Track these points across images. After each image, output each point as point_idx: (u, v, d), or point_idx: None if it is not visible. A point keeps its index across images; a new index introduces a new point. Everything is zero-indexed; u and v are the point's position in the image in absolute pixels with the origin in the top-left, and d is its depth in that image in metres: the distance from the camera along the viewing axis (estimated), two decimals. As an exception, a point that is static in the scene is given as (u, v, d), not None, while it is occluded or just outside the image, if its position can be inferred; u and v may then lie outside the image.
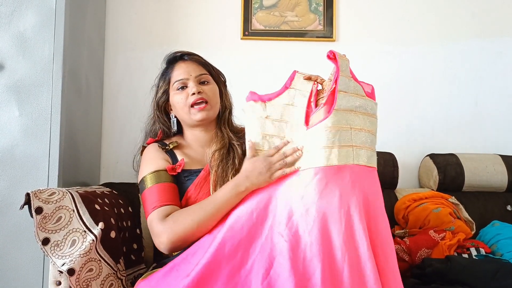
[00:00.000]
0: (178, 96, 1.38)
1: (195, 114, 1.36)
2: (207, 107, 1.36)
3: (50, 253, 1.18)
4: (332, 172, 1.04)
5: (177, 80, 1.38)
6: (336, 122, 1.07)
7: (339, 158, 1.05)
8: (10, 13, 1.56)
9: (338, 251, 0.97)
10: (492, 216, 1.89)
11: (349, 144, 1.08)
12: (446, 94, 2.22)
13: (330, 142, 1.06)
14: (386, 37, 2.21)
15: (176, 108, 1.40)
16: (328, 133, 1.06)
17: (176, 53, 1.45)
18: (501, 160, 1.99)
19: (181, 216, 1.19)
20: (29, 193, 1.21)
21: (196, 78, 1.38)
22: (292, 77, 1.22)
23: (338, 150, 1.06)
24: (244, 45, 2.18)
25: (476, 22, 2.24)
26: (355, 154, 1.08)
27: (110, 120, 2.10)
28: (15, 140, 1.54)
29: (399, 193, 1.97)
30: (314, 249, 0.97)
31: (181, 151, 1.39)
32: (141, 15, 2.15)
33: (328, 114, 1.07)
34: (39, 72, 1.56)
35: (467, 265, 1.45)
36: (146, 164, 1.34)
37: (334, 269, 0.96)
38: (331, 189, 1.02)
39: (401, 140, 2.17)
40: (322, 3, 2.19)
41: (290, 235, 1.00)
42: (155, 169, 1.31)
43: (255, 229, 1.06)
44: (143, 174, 1.32)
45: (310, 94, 1.19)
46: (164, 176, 1.30)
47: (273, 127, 1.18)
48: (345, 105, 1.10)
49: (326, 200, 1.01)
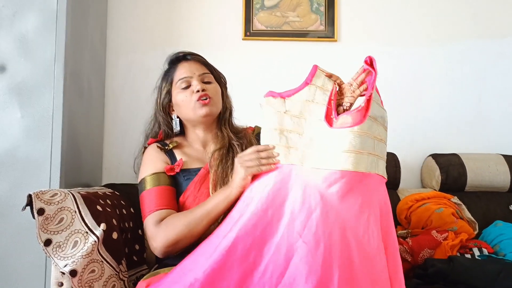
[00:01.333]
0: (182, 94, 1.38)
1: (200, 108, 1.35)
2: (211, 102, 1.36)
3: (52, 254, 1.18)
4: (358, 179, 1.01)
5: (181, 79, 1.38)
6: (366, 129, 1.04)
7: (367, 165, 1.03)
8: (12, 15, 1.57)
9: (356, 259, 0.93)
10: (495, 216, 1.89)
11: (374, 153, 1.06)
12: (448, 95, 2.21)
13: (358, 147, 1.02)
14: (388, 37, 2.21)
15: (180, 106, 1.40)
16: (357, 139, 1.02)
17: (178, 53, 1.46)
18: (503, 160, 1.99)
19: (174, 221, 1.22)
20: (31, 194, 1.21)
21: (199, 77, 1.39)
22: (313, 73, 1.16)
23: (367, 157, 1.03)
24: (246, 45, 2.18)
25: (477, 23, 2.23)
26: (376, 163, 1.07)
27: (112, 122, 2.10)
28: (17, 142, 1.54)
29: (402, 193, 1.97)
30: (334, 253, 0.92)
31: (181, 151, 1.40)
32: (143, 17, 2.16)
33: (364, 119, 1.04)
34: (41, 73, 1.56)
35: (469, 265, 1.44)
36: (146, 165, 1.36)
37: (353, 277, 0.92)
38: (353, 196, 0.99)
39: (403, 140, 2.16)
40: (323, 3, 2.19)
41: (310, 235, 0.94)
42: (154, 171, 1.33)
43: (270, 227, 0.99)
44: (143, 176, 1.34)
45: (331, 93, 1.14)
46: (163, 179, 1.32)
47: (291, 123, 1.12)
48: (374, 114, 1.09)
49: (347, 206, 0.98)
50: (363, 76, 1.14)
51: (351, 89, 1.15)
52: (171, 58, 1.47)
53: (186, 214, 1.23)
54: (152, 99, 1.50)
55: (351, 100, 1.15)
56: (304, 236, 0.95)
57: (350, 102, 1.15)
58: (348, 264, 0.93)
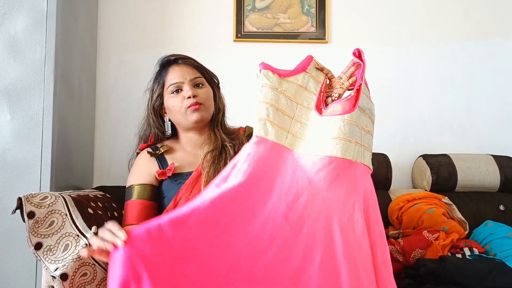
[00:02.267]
0: (173, 99, 1.38)
1: (191, 115, 1.35)
2: (202, 108, 1.36)
3: (42, 258, 1.17)
4: (345, 166, 1.04)
5: (172, 84, 1.38)
6: (355, 118, 1.08)
7: (354, 154, 1.05)
8: (1, 16, 1.55)
9: (339, 246, 0.95)
10: (485, 216, 1.91)
11: (361, 143, 1.09)
12: (439, 95, 2.23)
13: (347, 135, 1.05)
14: (378, 38, 2.22)
15: (171, 111, 1.40)
16: (347, 126, 1.05)
17: (170, 56, 1.44)
18: (493, 160, 2.01)
19: None
20: (21, 198, 1.20)
21: (190, 82, 1.38)
22: (309, 61, 1.20)
23: (354, 146, 1.06)
24: (237, 47, 2.18)
25: (468, 23, 2.26)
26: (363, 153, 1.09)
27: (103, 123, 2.09)
28: (7, 144, 1.53)
29: (393, 194, 1.98)
30: (317, 238, 0.95)
31: (172, 156, 1.40)
32: (134, 17, 2.15)
33: (354, 108, 1.07)
34: (31, 75, 1.55)
35: (460, 265, 1.46)
36: (136, 172, 1.38)
37: (335, 263, 0.94)
38: (340, 183, 1.02)
39: (394, 141, 2.18)
40: (314, 5, 2.20)
41: (294, 219, 0.96)
42: (143, 182, 1.35)
43: (257, 204, 0.97)
44: (131, 183, 1.37)
45: (322, 84, 1.18)
46: (148, 193, 1.34)
47: (285, 103, 1.10)
48: (363, 105, 1.12)
49: (334, 193, 1.00)
50: (352, 69, 1.18)
51: (341, 81, 1.19)
52: (162, 61, 1.45)
53: None
54: (144, 99, 1.49)
55: (340, 91, 1.18)
56: (289, 219, 0.96)
57: (339, 93, 1.17)
58: (331, 250, 0.95)
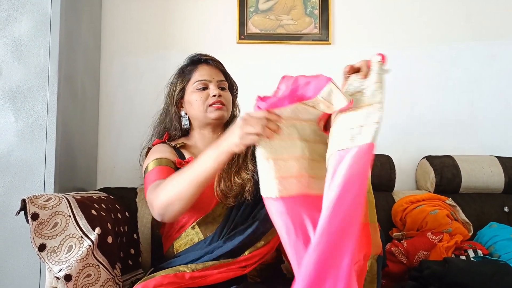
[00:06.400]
0: (196, 94, 1.43)
1: (212, 112, 1.42)
2: (224, 108, 1.43)
3: (46, 259, 1.17)
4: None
5: (199, 80, 1.44)
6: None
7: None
8: (5, 19, 1.56)
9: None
10: (489, 217, 1.89)
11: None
12: (442, 97, 2.22)
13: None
14: (382, 40, 2.22)
15: (192, 105, 1.44)
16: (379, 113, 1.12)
17: (201, 55, 1.51)
18: (497, 162, 2.00)
19: (165, 183, 1.20)
20: (25, 199, 1.21)
21: (217, 83, 1.45)
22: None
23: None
24: (240, 48, 2.18)
25: (471, 25, 2.25)
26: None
27: (106, 125, 2.09)
28: (11, 146, 1.54)
29: (396, 195, 1.97)
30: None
31: (188, 151, 1.44)
32: (137, 19, 2.15)
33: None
34: (35, 77, 1.56)
35: (464, 267, 1.45)
36: (157, 153, 1.37)
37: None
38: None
39: (397, 142, 2.17)
40: (317, 6, 2.20)
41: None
42: (160, 156, 1.35)
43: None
44: (147, 163, 1.36)
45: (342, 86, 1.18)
46: (166, 161, 1.34)
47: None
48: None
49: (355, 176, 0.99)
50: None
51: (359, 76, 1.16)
52: (193, 58, 1.51)
53: (175, 177, 1.19)
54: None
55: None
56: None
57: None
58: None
